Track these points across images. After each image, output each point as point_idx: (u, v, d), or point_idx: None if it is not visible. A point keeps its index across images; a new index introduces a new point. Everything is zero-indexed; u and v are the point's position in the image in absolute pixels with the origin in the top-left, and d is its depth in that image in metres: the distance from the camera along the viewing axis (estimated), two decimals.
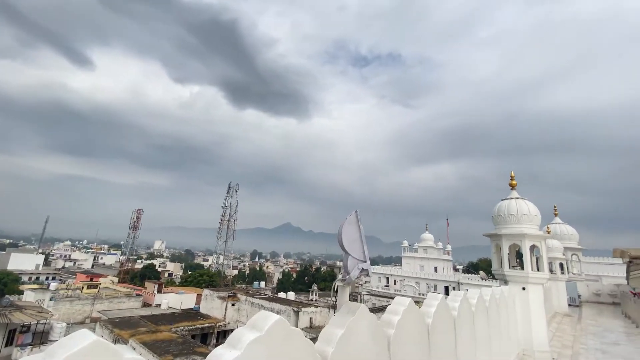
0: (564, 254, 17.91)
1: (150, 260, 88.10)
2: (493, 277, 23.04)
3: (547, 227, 19.11)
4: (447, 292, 45.45)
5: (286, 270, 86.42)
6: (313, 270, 77.07)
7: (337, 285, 2.63)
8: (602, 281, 25.92)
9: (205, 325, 24.72)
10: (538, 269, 8.33)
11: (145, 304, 33.43)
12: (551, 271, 16.66)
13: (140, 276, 56.32)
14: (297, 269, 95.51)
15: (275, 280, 78.09)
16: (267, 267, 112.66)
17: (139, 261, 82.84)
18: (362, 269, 2.42)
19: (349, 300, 2.75)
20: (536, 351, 7.65)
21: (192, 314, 27.68)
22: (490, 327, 5.80)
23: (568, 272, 19.90)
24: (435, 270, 59.50)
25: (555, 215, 24.29)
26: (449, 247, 65.25)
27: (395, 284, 57.61)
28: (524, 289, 8.01)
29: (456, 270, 66.37)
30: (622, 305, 17.20)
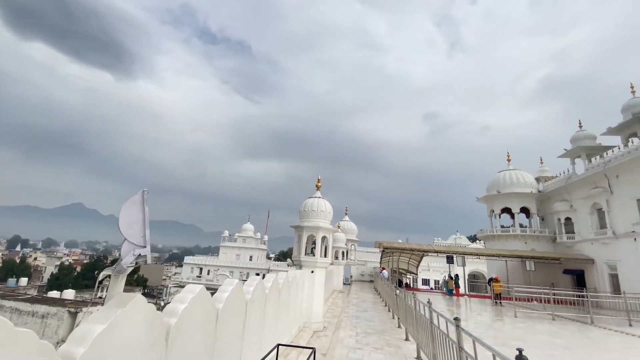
0: (346, 244, 22.87)
1: None
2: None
3: (338, 223, 23.92)
4: None
5: (66, 263, 67.71)
6: (108, 262, 64.05)
7: (106, 275, 2.23)
8: (368, 265, 34.84)
9: None
10: (325, 256, 10.21)
11: None
12: (336, 257, 20.89)
13: None
14: (85, 261, 77.15)
15: (46, 276, 59.63)
16: (36, 258, 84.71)
17: None
18: (139, 255, 2.16)
19: (151, 292, 2.40)
20: (313, 322, 9.34)
21: None
22: (281, 306, 6.60)
23: (347, 258, 25.54)
24: (250, 259, 62.42)
25: (346, 214, 30.68)
26: (266, 237, 70.17)
27: (208, 274, 56.26)
28: (312, 271, 9.63)
29: (269, 258, 72.21)
30: (374, 282, 23.70)
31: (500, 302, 17.92)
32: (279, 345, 4.37)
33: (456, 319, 4.08)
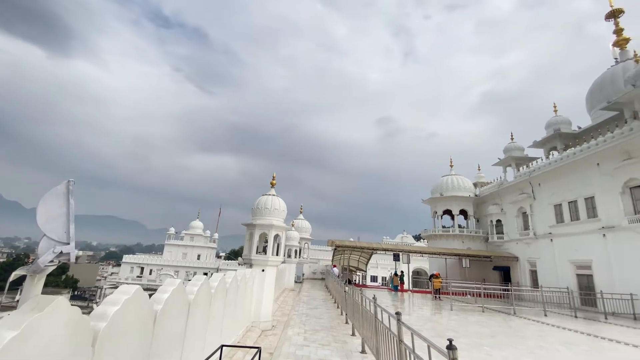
0: (299, 243, 22.93)
1: None
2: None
3: (292, 222, 23.90)
4: None
5: None
6: (30, 261, 56.75)
7: (20, 276, 1.96)
8: (320, 263, 35.27)
9: None
10: (277, 254, 10.13)
11: None
12: (288, 256, 20.85)
13: None
14: (2, 260, 67.73)
15: None
16: None
17: None
18: (61, 253, 1.94)
19: (75, 295, 2.14)
20: (262, 321, 9.22)
21: None
22: (228, 306, 6.40)
23: (300, 257, 25.63)
24: (198, 258, 59.63)
25: (301, 212, 30.74)
26: (216, 235, 67.52)
27: (150, 274, 52.60)
28: (263, 270, 9.50)
29: (219, 257, 69.59)
30: (325, 280, 24.10)
31: (439, 297, 19.36)
32: (222, 346, 4.24)
33: (397, 313, 4.32)
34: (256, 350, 4.32)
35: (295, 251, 21.43)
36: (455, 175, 32.23)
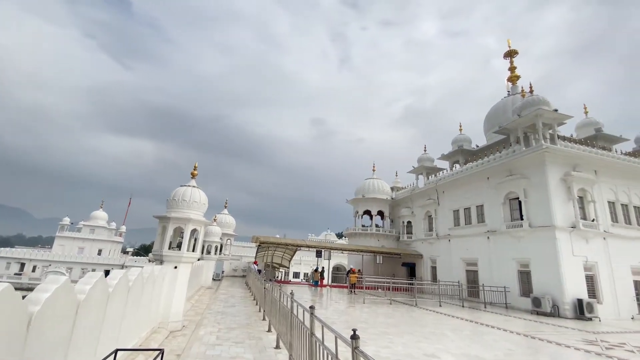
0: (221, 238, 21.93)
1: None
2: None
3: (215, 216, 22.73)
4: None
5: None
6: None
7: None
8: (243, 260, 34.27)
9: None
10: (194, 250, 9.50)
11: None
12: (208, 252, 19.77)
13: None
14: None
15: None
16: None
17: None
18: None
19: None
20: (171, 322, 8.55)
21: None
22: (129, 306, 5.76)
23: (220, 253, 24.51)
24: (99, 253, 52.39)
25: (225, 207, 29.45)
26: (123, 228, 60.16)
27: (34, 270, 44.22)
28: (176, 267, 8.81)
29: (126, 252, 62.10)
30: (246, 277, 23.54)
31: (355, 291, 20.68)
32: (117, 350, 3.79)
33: (311, 307, 4.47)
34: (158, 352, 3.98)
35: (216, 247, 20.45)
36: (376, 179, 34.79)
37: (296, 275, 52.82)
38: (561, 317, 15.02)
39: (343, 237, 58.23)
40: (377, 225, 32.73)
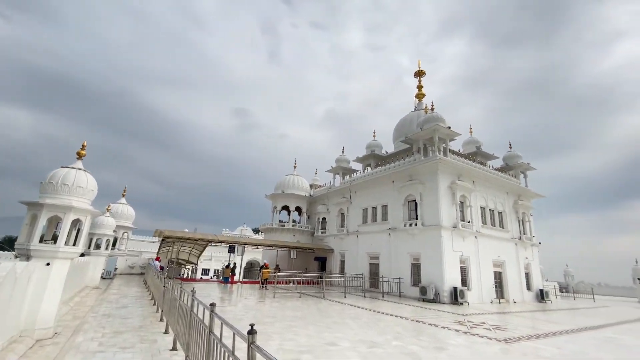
0: (115, 231, 19.20)
1: None
2: None
3: (109, 205, 19.77)
4: None
5: None
6: None
7: None
8: (142, 256, 30.68)
9: None
10: (75, 244, 8.08)
11: None
12: (97, 247, 17.12)
13: None
14: None
15: None
16: None
17: None
18: None
19: None
20: (38, 329, 7.11)
21: None
22: None
23: (114, 248, 21.47)
24: None
25: (123, 196, 25.91)
26: None
27: None
28: (48, 264, 7.35)
29: None
30: (145, 275, 21.18)
31: (266, 286, 20.61)
32: None
33: (212, 304, 4.25)
34: None
35: (108, 241, 17.84)
36: (296, 175, 35.31)
37: (206, 272, 50.04)
38: (441, 303, 17.74)
39: (260, 233, 57.40)
40: (294, 221, 33.24)
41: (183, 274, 29.65)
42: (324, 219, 31.55)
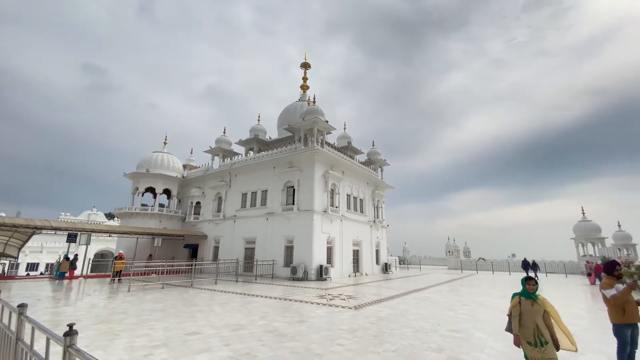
0: None
1: None
2: None
3: None
4: None
5: None
6: None
7: None
8: None
9: None
10: None
11: None
12: None
13: None
14: None
15: None
16: None
17: None
18: None
19: None
20: None
21: None
22: None
23: None
24: None
25: None
26: None
27: None
28: None
29: None
30: None
31: (119, 279, 17.78)
32: None
33: (21, 305, 3.32)
34: None
35: None
36: (166, 153, 31.44)
37: (33, 267, 39.34)
38: (309, 280, 19.33)
39: (115, 218, 48.90)
40: (161, 205, 29.64)
41: None
42: (197, 203, 29.34)
